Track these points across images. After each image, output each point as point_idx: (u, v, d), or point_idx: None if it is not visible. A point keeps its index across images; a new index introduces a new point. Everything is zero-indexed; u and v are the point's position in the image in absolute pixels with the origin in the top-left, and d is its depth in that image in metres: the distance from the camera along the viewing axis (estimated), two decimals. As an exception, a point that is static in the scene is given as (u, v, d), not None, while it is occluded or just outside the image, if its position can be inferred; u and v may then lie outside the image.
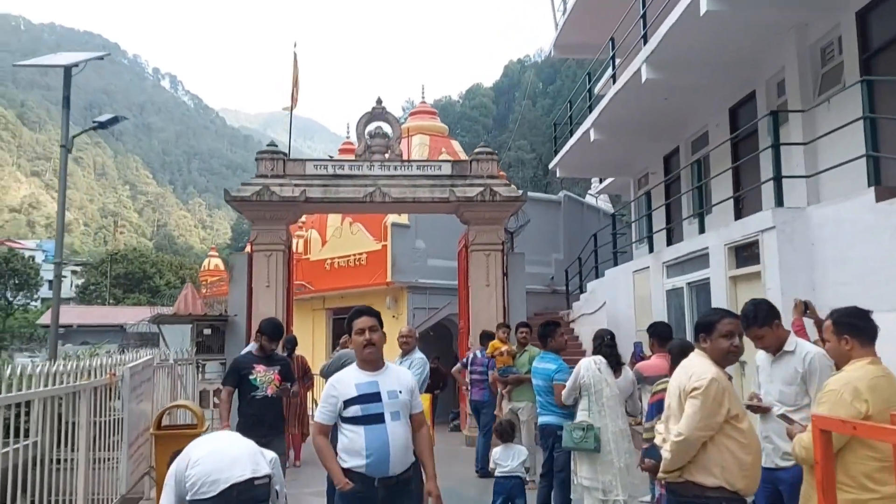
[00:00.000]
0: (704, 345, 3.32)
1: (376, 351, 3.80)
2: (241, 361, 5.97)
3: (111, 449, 6.00)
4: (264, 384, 5.75)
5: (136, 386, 5.94)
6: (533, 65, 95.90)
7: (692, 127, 14.21)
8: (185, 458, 3.86)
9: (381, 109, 11.27)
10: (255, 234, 10.80)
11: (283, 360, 6.11)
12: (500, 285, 10.97)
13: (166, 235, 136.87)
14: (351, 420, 3.65)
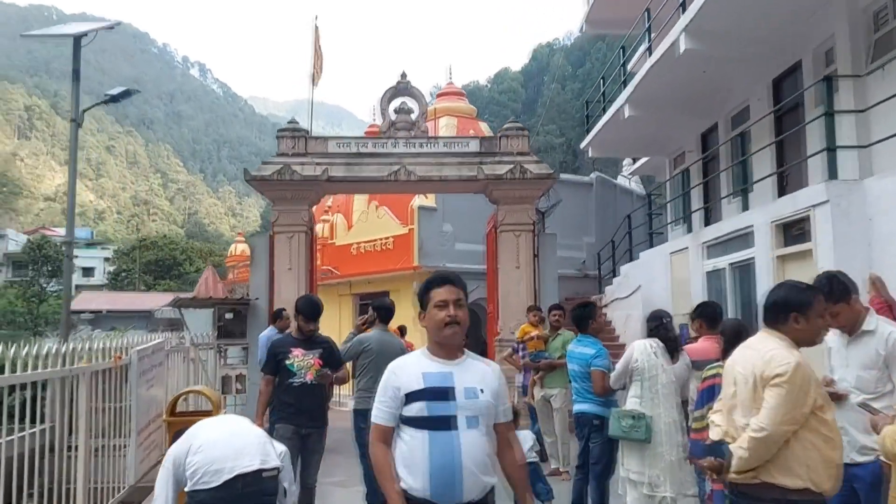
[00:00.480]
0: (797, 325, 2.83)
1: (460, 333, 2.80)
2: (278, 345, 5.45)
3: (125, 436, 5.69)
4: (302, 370, 5.20)
5: (146, 370, 5.59)
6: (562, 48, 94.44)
7: (732, 101, 13.55)
8: (186, 443, 3.50)
9: (405, 84, 10.81)
10: (276, 214, 10.44)
11: (324, 343, 5.46)
12: (531, 267, 10.49)
13: (197, 223, 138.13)
14: (413, 422, 2.71)
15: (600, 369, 5.23)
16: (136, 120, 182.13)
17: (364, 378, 6.12)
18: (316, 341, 5.38)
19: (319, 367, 5.24)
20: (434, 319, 2.78)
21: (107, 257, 68.85)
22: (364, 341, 6.08)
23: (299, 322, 5.35)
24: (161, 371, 6.28)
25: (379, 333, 6.14)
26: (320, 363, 5.26)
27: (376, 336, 6.11)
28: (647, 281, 13.71)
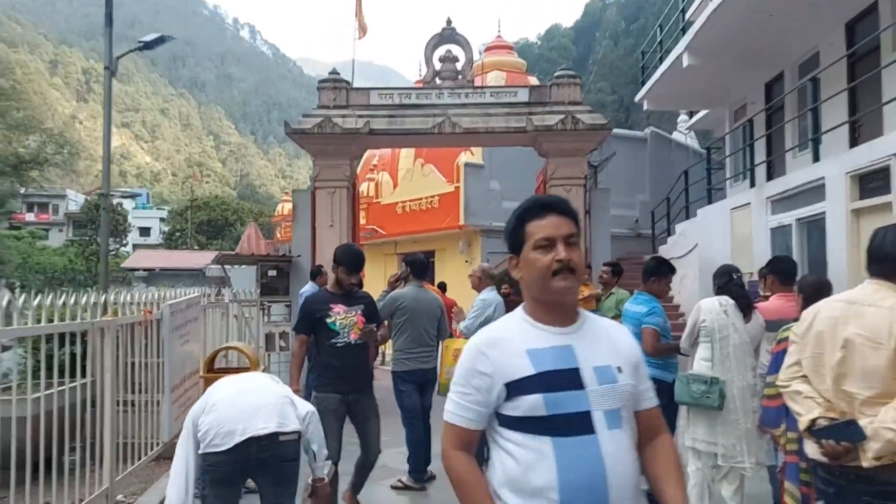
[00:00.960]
0: None
1: (575, 283, 1.85)
2: (314, 301, 4.80)
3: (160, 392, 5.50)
4: (345, 328, 4.60)
5: (179, 325, 5.37)
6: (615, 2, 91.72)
7: (800, 48, 12.66)
8: (203, 402, 3.23)
9: (451, 31, 10.29)
10: (318, 169, 10.13)
11: (365, 298, 4.87)
12: (584, 223, 9.98)
13: (248, 185, 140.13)
14: (523, 424, 1.78)
15: (650, 326, 4.79)
16: (189, 82, 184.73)
17: (400, 338, 5.80)
18: (356, 296, 4.79)
19: (364, 325, 4.66)
20: (534, 267, 1.82)
21: (162, 217, 70.36)
22: (398, 298, 5.74)
23: (339, 274, 4.68)
24: (196, 326, 6.07)
25: (413, 290, 5.82)
26: (364, 320, 4.67)
27: (411, 292, 5.78)
28: (705, 239, 13.05)
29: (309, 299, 5.03)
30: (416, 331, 5.74)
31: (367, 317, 4.73)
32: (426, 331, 5.79)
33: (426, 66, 10.31)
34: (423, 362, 5.78)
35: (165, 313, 5.07)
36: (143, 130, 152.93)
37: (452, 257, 17.69)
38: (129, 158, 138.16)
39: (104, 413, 4.46)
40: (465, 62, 10.28)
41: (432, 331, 5.86)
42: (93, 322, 4.34)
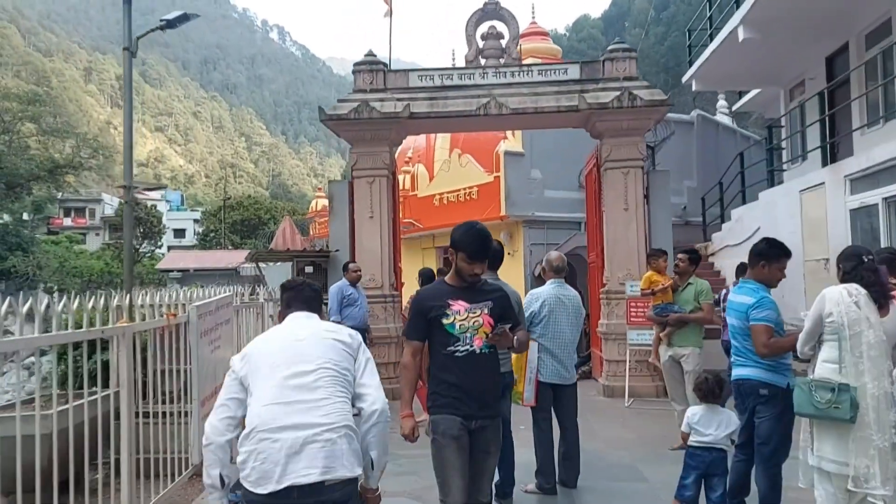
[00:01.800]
0: None
1: None
2: (428, 296, 3.63)
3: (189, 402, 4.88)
4: (468, 332, 3.46)
5: (209, 329, 4.71)
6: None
7: (868, 15, 11.70)
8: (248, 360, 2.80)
9: (493, 5, 9.54)
10: (355, 157, 9.47)
11: (496, 292, 3.68)
12: (642, 209, 9.18)
13: (281, 184, 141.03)
14: None
15: (761, 323, 3.99)
16: (220, 85, 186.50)
17: None
18: (483, 291, 3.61)
19: (492, 327, 3.50)
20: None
21: (196, 219, 70.72)
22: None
23: (458, 263, 3.52)
24: (229, 330, 5.42)
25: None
26: (491, 321, 3.51)
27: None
28: (769, 224, 12.15)
29: (422, 294, 3.80)
30: None
31: (497, 316, 3.56)
32: None
33: (468, 44, 9.59)
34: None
35: (192, 316, 4.41)
36: (177, 134, 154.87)
37: (493, 250, 16.98)
38: (163, 162, 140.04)
39: (122, 429, 3.85)
40: (510, 39, 9.54)
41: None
42: (102, 330, 3.71)
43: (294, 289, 3.11)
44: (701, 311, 6.11)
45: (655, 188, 9.43)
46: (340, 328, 2.99)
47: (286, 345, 2.79)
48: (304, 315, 2.99)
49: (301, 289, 3.11)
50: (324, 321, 3.05)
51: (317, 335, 2.84)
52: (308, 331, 2.87)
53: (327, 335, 2.86)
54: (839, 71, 13.36)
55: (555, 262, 5.28)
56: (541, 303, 5.14)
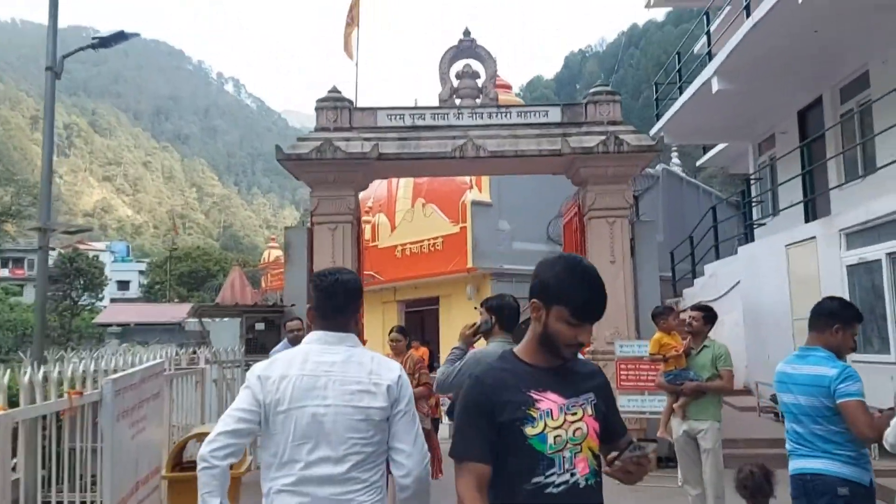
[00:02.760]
0: None
1: None
2: (496, 382, 2.06)
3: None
4: (568, 449, 2.00)
5: (130, 408, 3.66)
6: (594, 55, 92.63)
7: (844, 68, 11.53)
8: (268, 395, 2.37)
9: (469, 43, 8.88)
10: (316, 202, 8.56)
11: (593, 372, 2.22)
12: (629, 261, 8.46)
13: (232, 236, 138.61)
14: None
15: (855, 399, 3.18)
16: (172, 136, 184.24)
17: None
18: (579, 373, 2.15)
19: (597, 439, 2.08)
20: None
21: (141, 270, 68.32)
22: (482, 360, 3.97)
23: (552, 325, 2.01)
24: (158, 406, 4.33)
25: (502, 347, 4.07)
26: (597, 428, 2.08)
27: (498, 352, 4.03)
28: (750, 280, 11.58)
29: (482, 380, 2.11)
30: None
31: (604, 417, 2.12)
32: None
33: (442, 83, 8.87)
34: None
35: (107, 393, 3.36)
36: (125, 184, 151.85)
37: (459, 304, 16.11)
38: (109, 212, 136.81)
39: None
40: (487, 78, 8.86)
41: None
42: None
43: (325, 290, 2.50)
44: (720, 378, 5.29)
45: (641, 239, 8.74)
46: (372, 371, 2.42)
47: (307, 410, 2.32)
48: (334, 339, 2.44)
49: (334, 289, 2.49)
50: (356, 353, 2.46)
51: (342, 399, 2.33)
52: (333, 392, 2.34)
53: (354, 400, 2.35)
54: (812, 125, 13.13)
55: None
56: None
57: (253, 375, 2.38)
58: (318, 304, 2.52)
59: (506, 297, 4.22)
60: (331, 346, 2.43)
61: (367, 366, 2.42)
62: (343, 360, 2.40)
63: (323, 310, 2.49)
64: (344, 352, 2.42)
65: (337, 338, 2.44)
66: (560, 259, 2.11)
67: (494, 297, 4.26)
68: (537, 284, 2.07)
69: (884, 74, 10.47)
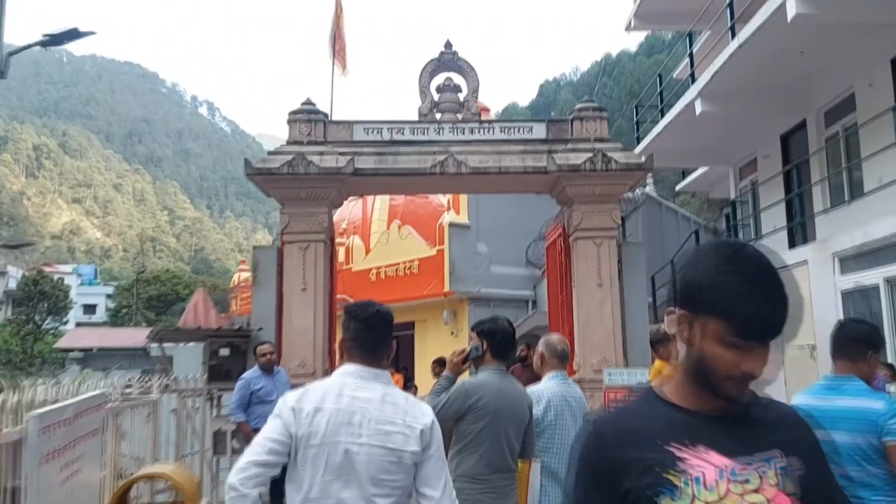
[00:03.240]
0: None
1: None
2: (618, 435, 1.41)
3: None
4: None
5: (61, 448, 3.09)
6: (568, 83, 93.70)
7: (829, 91, 11.38)
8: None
9: (450, 56, 8.49)
10: (286, 219, 8.05)
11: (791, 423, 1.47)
12: (617, 285, 8.04)
13: (203, 259, 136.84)
14: None
15: (905, 439, 2.76)
16: (144, 158, 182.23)
17: (471, 456, 3.43)
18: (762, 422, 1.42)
19: None
20: None
21: (108, 294, 66.80)
22: (473, 392, 3.48)
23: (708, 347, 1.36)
24: (95, 445, 3.73)
25: (495, 378, 3.58)
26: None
27: (492, 382, 3.54)
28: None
29: (600, 430, 1.46)
30: (496, 446, 3.44)
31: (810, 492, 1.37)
32: (509, 446, 3.50)
33: (422, 97, 8.46)
34: (501, 497, 3.42)
35: (31, 431, 2.79)
36: (95, 206, 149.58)
37: (436, 329, 15.60)
38: (78, 234, 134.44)
39: None
40: (469, 92, 8.47)
41: (517, 445, 3.55)
42: None
43: (365, 321, 2.46)
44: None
45: (629, 262, 8.33)
46: (407, 412, 2.35)
47: (340, 446, 2.25)
48: (370, 375, 2.38)
49: (373, 323, 2.46)
50: (390, 391, 2.39)
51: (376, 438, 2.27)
52: (367, 430, 2.27)
53: (388, 441, 2.28)
54: (795, 149, 12.98)
55: (559, 347, 3.97)
56: (545, 405, 3.79)
57: (286, 406, 2.32)
58: (356, 335, 2.44)
59: (500, 319, 3.75)
60: (366, 382, 2.36)
61: (402, 406, 2.36)
62: (379, 399, 2.33)
63: (363, 341, 2.42)
64: (380, 389, 2.35)
65: (373, 374, 2.38)
66: (714, 248, 1.44)
67: (487, 319, 3.77)
68: (681, 285, 1.41)
69: (870, 97, 10.30)
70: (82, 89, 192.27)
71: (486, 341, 3.63)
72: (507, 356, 3.69)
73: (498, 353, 3.56)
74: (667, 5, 15.33)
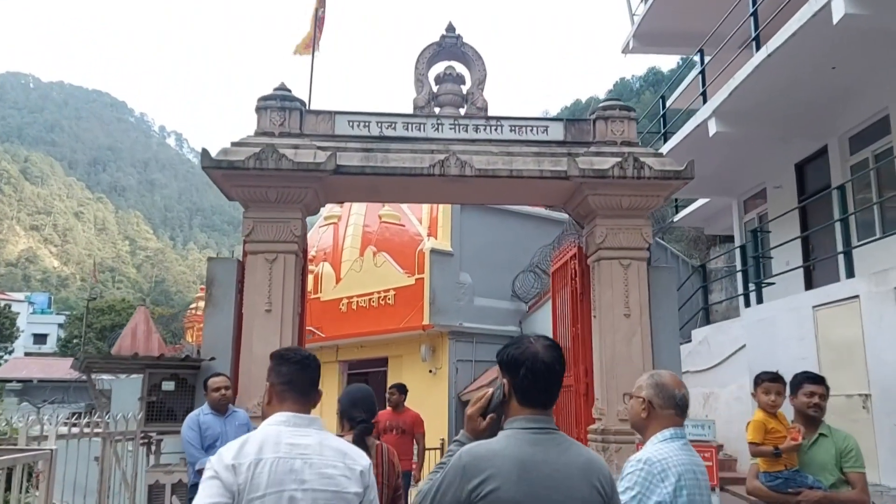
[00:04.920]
0: None
1: None
2: None
3: None
4: None
5: None
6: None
7: (858, 112, 10.40)
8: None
9: (453, 40, 7.19)
10: (250, 225, 6.57)
11: None
12: (647, 317, 6.70)
13: (163, 291, 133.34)
14: None
15: None
16: (108, 187, 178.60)
17: None
18: None
19: None
20: None
21: (60, 323, 63.91)
22: (475, 470, 1.99)
23: None
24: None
25: (520, 441, 2.06)
26: None
27: (510, 450, 2.03)
28: (760, 345, 9.97)
29: None
30: None
31: None
32: None
33: (418, 87, 7.13)
34: None
35: None
36: (54, 234, 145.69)
37: (412, 366, 14.08)
38: (34, 262, 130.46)
39: None
40: (474, 84, 7.15)
41: None
42: None
43: (299, 363, 2.47)
44: (849, 486, 3.49)
45: (659, 289, 7.00)
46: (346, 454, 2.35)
47: (285, 494, 2.18)
48: (303, 421, 2.34)
49: (307, 365, 2.48)
50: (326, 436, 2.37)
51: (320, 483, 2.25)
52: (310, 476, 2.23)
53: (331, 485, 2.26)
54: (812, 179, 11.97)
55: (677, 391, 2.59)
56: (674, 482, 2.40)
57: (221, 464, 2.21)
58: (291, 378, 2.44)
59: (531, 340, 2.23)
60: (301, 429, 2.32)
61: (341, 449, 2.36)
62: (317, 444, 2.31)
63: (298, 384, 2.43)
64: (315, 434, 2.33)
65: (306, 420, 2.37)
66: None
67: (512, 342, 2.28)
68: None
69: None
70: (48, 115, 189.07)
71: (508, 377, 2.16)
72: (546, 400, 2.19)
73: (528, 396, 2.11)
74: (670, 25, 14.42)
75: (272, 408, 2.39)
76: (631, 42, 15.40)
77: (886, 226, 10.13)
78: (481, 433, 2.16)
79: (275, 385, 2.41)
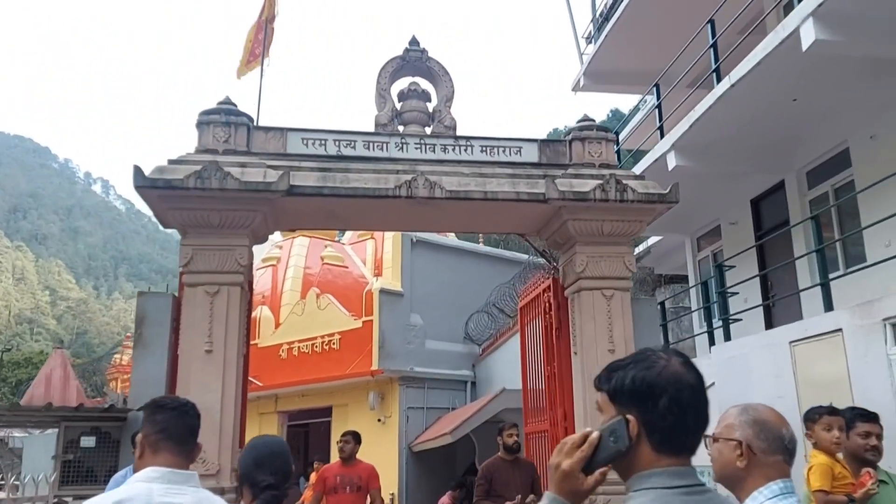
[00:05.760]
0: None
1: None
2: None
3: None
4: None
5: None
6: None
7: (817, 146, 10.36)
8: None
9: (418, 53, 6.61)
10: (189, 254, 5.73)
11: None
12: (633, 350, 6.13)
13: (85, 343, 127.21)
14: None
15: None
16: (28, 235, 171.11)
17: None
18: None
19: None
20: None
21: (-29, 378, 59.67)
22: None
23: None
24: None
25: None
26: None
27: None
28: (730, 383, 9.54)
29: None
30: None
31: None
32: None
33: (378, 103, 6.50)
34: None
35: None
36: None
37: (358, 415, 13.15)
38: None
39: None
40: (441, 101, 6.58)
41: None
42: None
43: (177, 409, 2.25)
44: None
45: (643, 323, 6.47)
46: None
47: None
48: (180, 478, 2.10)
49: (185, 411, 2.25)
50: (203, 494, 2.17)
51: None
52: None
53: None
54: (768, 214, 11.87)
55: (783, 430, 1.95)
56: None
57: None
58: (167, 425, 2.20)
59: (660, 356, 1.58)
60: (176, 486, 2.08)
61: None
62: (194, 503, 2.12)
63: (175, 432, 2.18)
64: (192, 493, 2.11)
65: (183, 476, 2.13)
66: None
67: (629, 359, 1.61)
68: None
69: (871, 151, 9.22)
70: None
71: (635, 412, 1.50)
72: (695, 443, 1.55)
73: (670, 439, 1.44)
74: (621, 64, 14.37)
75: (144, 461, 2.17)
76: (581, 80, 15.28)
77: (849, 261, 9.99)
78: (583, 496, 1.46)
79: (148, 435, 2.20)
